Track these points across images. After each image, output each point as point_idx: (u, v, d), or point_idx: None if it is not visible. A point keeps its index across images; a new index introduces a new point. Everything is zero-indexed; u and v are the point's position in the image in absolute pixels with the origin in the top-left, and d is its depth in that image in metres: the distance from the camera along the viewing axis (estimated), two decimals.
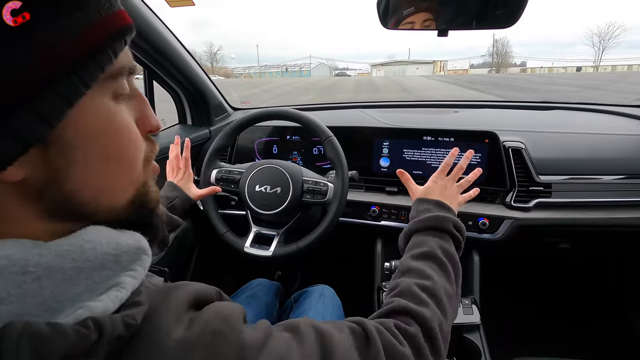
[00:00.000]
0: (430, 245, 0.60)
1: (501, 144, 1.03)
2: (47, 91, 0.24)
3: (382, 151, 1.15)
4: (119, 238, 0.31)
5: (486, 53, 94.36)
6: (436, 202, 0.70)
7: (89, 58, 0.26)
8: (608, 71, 60.78)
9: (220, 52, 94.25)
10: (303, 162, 1.25)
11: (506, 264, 1.37)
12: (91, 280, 0.28)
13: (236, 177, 1.00)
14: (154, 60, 1.04)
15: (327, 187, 0.94)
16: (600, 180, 1.01)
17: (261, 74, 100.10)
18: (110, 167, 0.31)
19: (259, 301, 0.98)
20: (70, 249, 0.27)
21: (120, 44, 0.29)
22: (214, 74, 68.53)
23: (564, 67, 76.77)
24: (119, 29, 0.29)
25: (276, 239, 0.98)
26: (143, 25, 0.91)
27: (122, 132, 0.31)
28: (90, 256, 0.28)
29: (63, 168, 0.28)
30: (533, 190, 1.01)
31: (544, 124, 1.21)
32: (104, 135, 0.29)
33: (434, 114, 1.47)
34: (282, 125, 1.25)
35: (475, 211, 1.02)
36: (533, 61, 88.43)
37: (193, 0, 0.87)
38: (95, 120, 0.29)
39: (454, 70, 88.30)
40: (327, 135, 0.96)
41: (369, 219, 1.12)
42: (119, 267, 0.30)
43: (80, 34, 0.26)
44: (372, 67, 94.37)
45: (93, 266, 0.28)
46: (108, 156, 0.30)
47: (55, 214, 0.29)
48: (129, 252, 0.31)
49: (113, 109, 0.30)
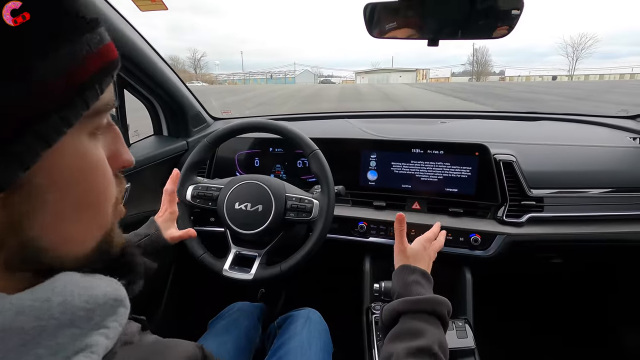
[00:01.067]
0: (428, 338, 0.55)
1: (492, 157, 1.00)
2: (26, 132, 0.21)
3: (369, 164, 1.10)
4: (93, 288, 0.27)
5: (466, 62, 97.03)
6: (424, 274, 0.69)
7: (76, 95, 0.24)
8: (582, 80, 63.32)
9: (204, 59, 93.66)
10: (287, 176, 1.19)
11: (497, 280, 1.33)
12: (55, 342, 0.23)
13: (214, 193, 0.93)
14: (124, 68, 0.96)
15: (312, 204, 0.89)
16: (589, 193, 0.99)
17: (246, 81, 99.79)
18: (82, 213, 0.28)
19: (239, 328, 0.91)
20: (34, 305, 0.23)
21: (108, 79, 0.27)
22: (198, 81, 67.85)
23: (540, 76, 79.60)
24: (109, 64, 0.27)
25: (258, 260, 0.91)
26: (110, 30, 0.84)
27: (96, 172, 0.28)
28: (56, 312, 0.24)
29: (28, 214, 0.24)
30: (525, 204, 0.98)
31: (533, 135, 1.19)
32: (79, 176, 0.27)
33: (421, 124, 1.44)
34: (264, 137, 1.19)
35: (467, 227, 0.99)
36: (511, 70, 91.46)
37: (166, 5, 0.80)
38: (70, 161, 0.26)
39: (435, 78, 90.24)
40: (311, 149, 0.90)
41: (357, 235, 1.07)
42: (91, 324, 0.26)
43: (69, 70, 0.23)
44: (356, 74, 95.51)
45: (59, 324, 0.24)
46: (81, 201, 0.27)
47: (12, 266, 0.25)
48: (104, 305, 0.27)
49: (88, 147, 0.27)
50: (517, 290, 1.45)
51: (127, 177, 1.04)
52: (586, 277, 1.34)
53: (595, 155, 1.07)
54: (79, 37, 0.24)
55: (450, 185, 1.04)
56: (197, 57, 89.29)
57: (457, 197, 1.03)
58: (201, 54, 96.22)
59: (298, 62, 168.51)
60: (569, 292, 1.42)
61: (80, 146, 0.27)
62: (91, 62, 0.25)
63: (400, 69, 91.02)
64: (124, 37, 0.89)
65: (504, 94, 19.55)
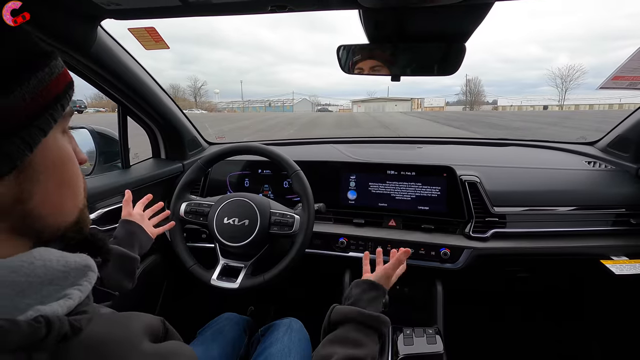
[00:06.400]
0: (367, 351, 0.63)
1: (458, 178, 1.10)
2: (29, 126, 0.32)
3: (349, 184, 1.20)
4: (67, 257, 0.35)
5: (460, 92, 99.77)
6: (385, 292, 0.77)
7: (47, 110, 0.34)
8: (572, 110, 65.10)
9: (204, 87, 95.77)
10: (274, 195, 1.29)
11: (470, 294, 1.40)
12: (40, 295, 0.31)
13: (205, 209, 1.02)
14: (128, 98, 1.08)
15: (294, 218, 0.98)
16: (554, 211, 1.08)
17: (244, 109, 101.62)
18: (63, 191, 0.37)
19: (225, 337, 0.97)
20: (23, 265, 0.31)
21: (71, 93, 0.37)
22: (197, 108, 69.11)
23: (532, 106, 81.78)
24: (67, 86, 0.37)
25: (243, 271, 0.98)
26: (117, 65, 0.96)
27: (71, 162, 0.38)
28: (40, 272, 0.31)
29: (29, 189, 0.33)
30: (489, 221, 1.08)
31: (498, 159, 1.31)
32: (60, 164, 0.37)
33: (399, 149, 1.55)
34: (253, 159, 1.30)
35: (438, 241, 1.07)
36: (504, 99, 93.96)
37: (168, 45, 0.92)
38: (54, 152, 0.36)
39: (430, 107, 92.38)
40: (293, 170, 1.00)
41: (338, 250, 1.15)
42: (68, 282, 0.34)
43: (39, 92, 0.33)
44: (352, 103, 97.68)
45: (42, 281, 0.31)
46: (62, 182, 0.37)
47: (17, 230, 0.34)
48: (76, 269, 0.35)
49: (62, 142, 0.38)
50: (487, 302, 1.51)
51: None
52: (555, 289, 1.41)
53: (557, 177, 1.17)
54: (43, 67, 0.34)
55: (423, 204, 1.14)
56: (198, 86, 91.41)
57: (429, 215, 1.13)
58: (201, 83, 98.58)
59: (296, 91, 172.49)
60: (539, 302, 1.48)
61: (58, 141, 0.36)
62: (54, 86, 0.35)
63: (396, 98, 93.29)
64: (128, 70, 1.01)
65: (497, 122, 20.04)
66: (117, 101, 1.10)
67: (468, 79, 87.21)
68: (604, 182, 1.15)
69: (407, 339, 0.94)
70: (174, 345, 0.40)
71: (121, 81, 1.00)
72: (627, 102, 51.56)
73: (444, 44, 0.79)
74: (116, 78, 0.98)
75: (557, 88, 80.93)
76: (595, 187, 1.13)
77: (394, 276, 0.83)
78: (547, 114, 36.61)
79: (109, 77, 0.96)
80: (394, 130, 15.79)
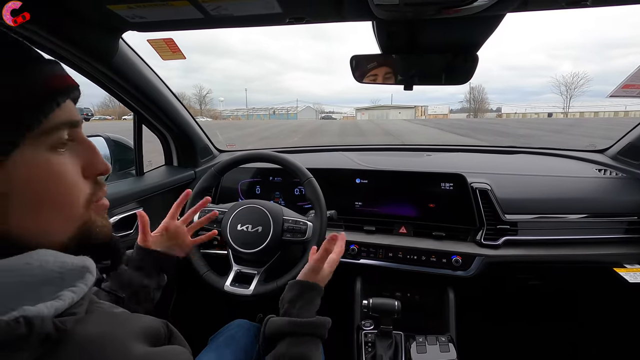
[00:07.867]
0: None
1: (469, 185, 1.11)
2: None
3: (360, 192, 1.21)
4: (64, 258, 0.34)
5: (464, 99, 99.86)
6: (318, 287, 0.75)
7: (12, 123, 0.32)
8: (577, 117, 64.85)
9: (209, 95, 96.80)
10: (285, 202, 1.30)
11: (482, 301, 1.39)
12: (38, 295, 0.30)
13: (219, 216, 1.03)
14: (144, 106, 1.11)
15: (307, 225, 0.98)
16: (566, 219, 1.08)
17: (249, 116, 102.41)
18: (46, 212, 0.35)
19: (238, 343, 0.97)
20: (19, 264, 0.30)
21: (50, 106, 0.34)
22: (203, 116, 69.77)
23: (536, 113, 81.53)
24: (60, 90, 0.35)
25: (256, 277, 0.99)
26: (135, 75, 0.98)
27: (57, 179, 0.35)
28: (37, 272, 0.31)
29: (3, 210, 0.32)
30: (501, 228, 1.08)
31: (508, 166, 1.31)
32: (36, 183, 0.34)
33: (408, 157, 1.57)
34: (265, 167, 1.31)
35: (449, 249, 1.08)
36: (507, 107, 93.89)
37: (184, 55, 0.95)
38: (28, 171, 0.33)
39: (434, 114, 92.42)
40: (306, 177, 1.02)
41: (349, 257, 1.15)
42: (64, 283, 0.32)
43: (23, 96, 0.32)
44: (356, 111, 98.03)
45: (39, 281, 0.31)
46: (43, 201, 0.34)
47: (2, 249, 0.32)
48: (74, 270, 0.34)
49: (48, 159, 0.35)
50: (500, 308, 1.50)
51: (140, 202, 1.15)
52: (566, 295, 1.40)
53: (564, 185, 1.18)
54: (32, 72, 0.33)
55: (433, 211, 1.14)
56: (203, 94, 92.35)
57: (440, 222, 1.13)
58: (207, 91, 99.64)
59: (300, 99, 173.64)
60: (549, 309, 1.47)
61: (38, 158, 0.33)
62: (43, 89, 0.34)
63: (400, 106, 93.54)
64: (145, 80, 1.04)
65: (501, 130, 20.00)
66: (133, 110, 1.13)
67: (472, 86, 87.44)
68: (616, 189, 1.15)
69: (419, 347, 0.94)
70: (169, 350, 0.39)
71: (139, 91, 1.02)
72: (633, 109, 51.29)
73: (456, 54, 0.80)
74: (134, 88, 1.00)
75: (561, 95, 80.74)
76: (606, 195, 1.13)
77: (327, 266, 0.80)
78: (551, 122, 36.52)
79: (128, 86, 0.98)
80: (397, 137, 15.81)
